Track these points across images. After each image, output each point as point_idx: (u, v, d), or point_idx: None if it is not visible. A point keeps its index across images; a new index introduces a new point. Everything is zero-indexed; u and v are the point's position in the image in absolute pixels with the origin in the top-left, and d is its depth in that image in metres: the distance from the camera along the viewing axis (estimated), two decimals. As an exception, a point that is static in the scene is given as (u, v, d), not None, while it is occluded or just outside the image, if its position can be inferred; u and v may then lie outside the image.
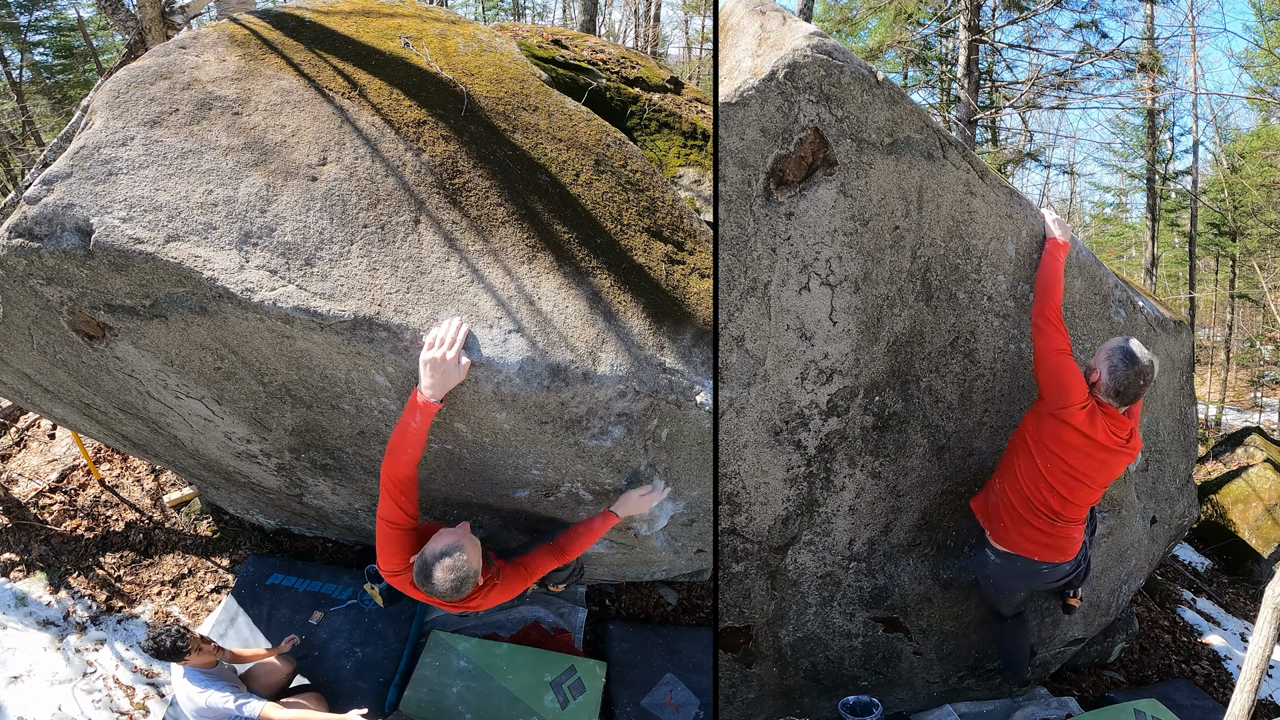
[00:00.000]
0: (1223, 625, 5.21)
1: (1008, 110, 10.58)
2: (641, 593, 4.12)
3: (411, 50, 2.48)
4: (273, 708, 2.78)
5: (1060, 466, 2.57)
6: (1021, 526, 2.70)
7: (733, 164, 2.29)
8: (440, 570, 2.10)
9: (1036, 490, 2.62)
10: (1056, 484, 2.59)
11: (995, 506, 2.77)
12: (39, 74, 11.82)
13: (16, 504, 3.93)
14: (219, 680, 2.82)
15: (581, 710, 3.18)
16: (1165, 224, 15.93)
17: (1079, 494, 2.63)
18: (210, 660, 2.85)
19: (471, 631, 3.47)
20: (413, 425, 1.96)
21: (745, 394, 2.54)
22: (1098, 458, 2.57)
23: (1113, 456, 2.59)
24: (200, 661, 2.81)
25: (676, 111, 2.96)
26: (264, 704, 2.78)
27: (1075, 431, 2.51)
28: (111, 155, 1.98)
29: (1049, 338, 2.56)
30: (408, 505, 2.11)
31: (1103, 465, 2.60)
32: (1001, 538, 2.78)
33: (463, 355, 1.94)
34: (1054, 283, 2.67)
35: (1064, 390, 2.51)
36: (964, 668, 3.43)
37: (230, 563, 3.84)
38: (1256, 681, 2.43)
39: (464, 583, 2.12)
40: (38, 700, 3.18)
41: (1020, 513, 2.68)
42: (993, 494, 2.78)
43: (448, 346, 1.91)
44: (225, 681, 2.84)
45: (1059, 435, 2.54)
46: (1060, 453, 2.55)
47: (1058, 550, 2.74)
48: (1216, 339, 17.80)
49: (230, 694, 2.77)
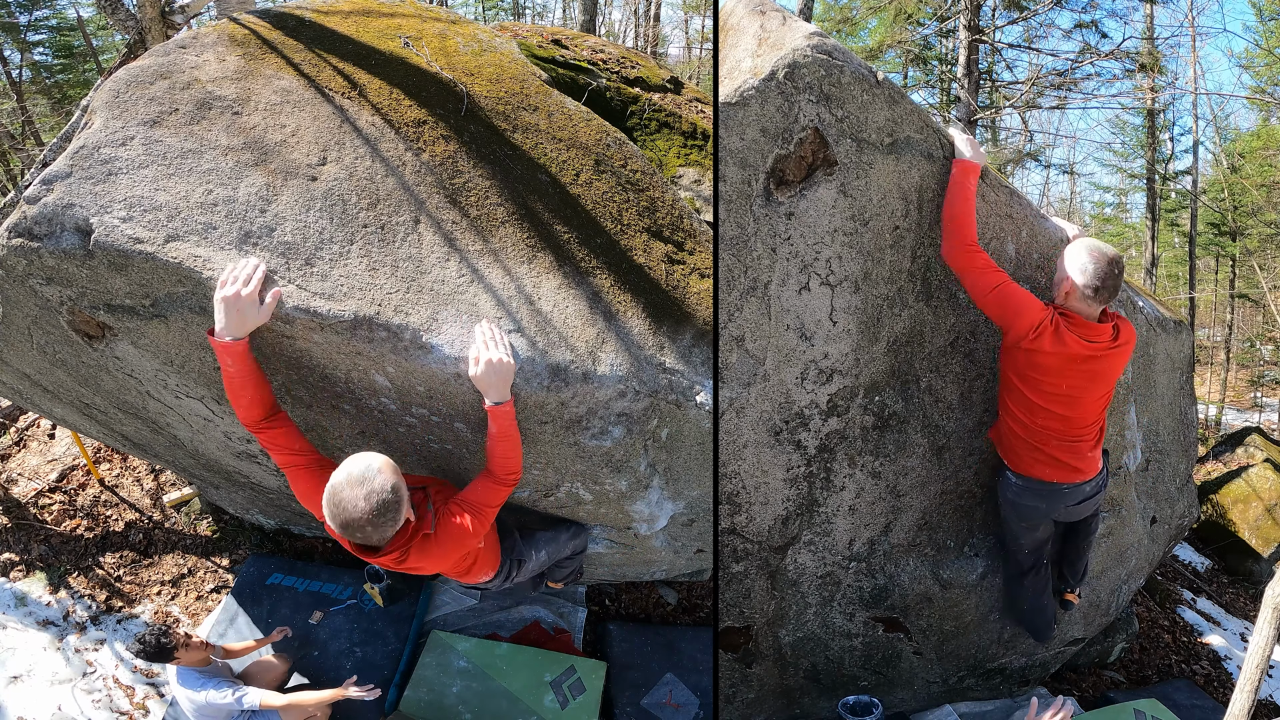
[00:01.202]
0: (1223, 625, 5.22)
1: (1008, 110, 10.59)
2: (641, 593, 4.12)
3: (411, 50, 2.48)
4: (271, 695, 2.80)
5: (1048, 389, 2.48)
6: (1033, 452, 2.63)
7: (733, 164, 2.29)
8: (349, 490, 1.77)
9: (1034, 419, 2.55)
10: (1052, 407, 2.51)
11: (1006, 437, 2.71)
12: (39, 74, 11.83)
13: (16, 504, 3.93)
14: (214, 678, 2.83)
15: (581, 710, 3.18)
16: (1165, 224, 15.93)
17: (1078, 410, 2.54)
18: (202, 658, 2.86)
19: (471, 631, 3.47)
20: (227, 369, 1.86)
21: (745, 394, 2.54)
22: (1083, 370, 2.46)
23: (1098, 364, 2.47)
24: (192, 660, 2.82)
25: (676, 111, 2.96)
26: (262, 693, 2.80)
27: (1046, 355, 2.41)
28: (111, 155, 1.98)
29: (979, 274, 2.43)
30: (288, 442, 1.96)
31: (1092, 375, 2.48)
32: (1017, 464, 2.72)
33: (265, 295, 1.85)
34: (966, 212, 2.47)
35: (1018, 317, 2.40)
36: (964, 668, 3.43)
37: (230, 563, 3.84)
38: (1256, 681, 2.43)
39: (385, 509, 1.79)
40: (38, 700, 3.18)
41: (1029, 441, 2.61)
42: (1002, 426, 2.72)
43: (241, 284, 1.81)
44: (220, 678, 2.85)
45: (1033, 362, 2.45)
46: (1043, 378, 2.47)
47: (1074, 470, 2.66)
48: (1216, 339, 17.80)
49: (227, 689, 2.78)
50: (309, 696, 2.86)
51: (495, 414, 1.97)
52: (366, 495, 1.78)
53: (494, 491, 2.08)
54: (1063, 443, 2.60)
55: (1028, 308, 2.40)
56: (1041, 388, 2.49)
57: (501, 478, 2.07)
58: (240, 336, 1.84)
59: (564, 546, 2.71)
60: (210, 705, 2.77)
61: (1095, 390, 2.53)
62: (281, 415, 2.00)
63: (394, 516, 1.83)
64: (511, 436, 2.02)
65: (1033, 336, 2.40)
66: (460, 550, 2.08)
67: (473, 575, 2.39)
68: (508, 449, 2.03)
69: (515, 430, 2.03)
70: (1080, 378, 2.47)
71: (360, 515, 1.78)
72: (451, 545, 2.03)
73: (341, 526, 1.81)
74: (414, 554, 1.98)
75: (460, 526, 2.03)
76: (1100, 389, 2.55)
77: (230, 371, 1.87)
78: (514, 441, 2.03)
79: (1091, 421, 2.61)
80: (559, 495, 2.54)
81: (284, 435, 1.98)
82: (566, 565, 2.93)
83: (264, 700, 2.77)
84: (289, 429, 2.00)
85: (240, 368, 1.86)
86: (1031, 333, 2.39)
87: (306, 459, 1.99)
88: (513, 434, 2.02)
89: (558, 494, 2.54)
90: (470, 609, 3.61)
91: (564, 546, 2.71)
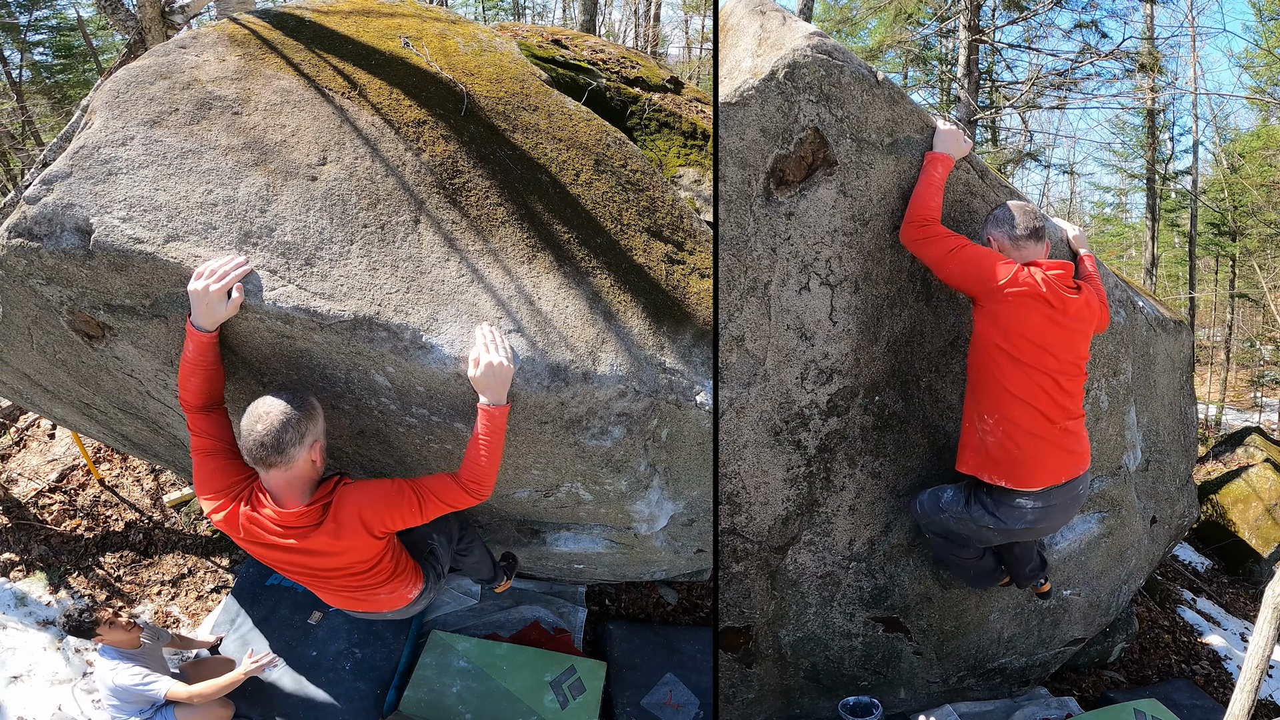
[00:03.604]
0: (1223, 625, 5.22)
1: (1008, 110, 10.59)
2: (641, 593, 4.12)
3: (411, 50, 2.48)
4: (179, 687, 2.79)
5: (1035, 339, 2.31)
6: (1041, 446, 2.41)
7: (733, 164, 2.29)
8: (247, 420, 1.83)
9: (1032, 393, 2.36)
10: (1041, 364, 2.34)
11: (1004, 449, 2.43)
12: (39, 74, 11.83)
13: (16, 504, 3.93)
14: (134, 660, 2.82)
15: (581, 710, 3.18)
16: (1165, 224, 15.94)
17: (1064, 364, 2.38)
18: (129, 639, 2.86)
19: (471, 631, 3.47)
20: (186, 353, 1.90)
21: (745, 394, 2.54)
22: (1063, 323, 2.33)
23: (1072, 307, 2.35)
24: (116, 639, 2.83)
25: (676, 111, 2.96)
26: (170, 683, 2.79)
27: (1031, 298, 2.28)
28: (111, 155, 1.98)
29: (936, 241, 2.35)
30: (211, 427, 1.98)
31: (1069, 332, 2.35)
32: (1028, 478, 2.43)
33: (234, 290, 1.87)
34: (921, 192, 2.42)
35: (990, 267, 2.29)
36: (964, 668, 3.43)
37: (230, 563, 3.84)
38: (1256, 681, 2.43)
39: (283, 430, 1.80)
40: (38, 700, 3.18)
41: (1032, 432, 2.39)
42: (991, 440, 2.45)
43: (213, 279, 1.84)
44: (138, 662, 2.84)
45: (1018, 314, 2.29)
46: (1032, 335, 2.31)
47: (1081, 454, 2.49)
48: (1216, 339, 17.81)
49: (140, 671, 2.78)
50: (210, 685, 2.83)
51: (487, 414, 1.94)
52: (268, 430, 1.82)
53: (450, 489, 1.98)
54: (1064, 424, 2.41)
55: (996, 257, 2.32)
56: (1030, 347, 2.31)
57: (465, 482, 1.98)
58: (207, 328, 1.87)
59: (451, 526, 2.63)
60: (120, 686, 2.76)
61: (1076, 344, 2.38)
62: (220, 411, 2.01)
63: (307, 426, 1.86)
64: (494, 444, 1.96)
65: (1012, 276, 2.28)
66: (386, 511, 1.96)
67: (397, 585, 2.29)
68: (485, 456, 1.96)
69: (499, 438, 1.97)
70: (1063, 334, 2.34)
71: (272, 420, 1.81)
72: (379, 500, 1.95)
73: (254, 438, 1.81)
74: (334, 512, 1.92)
75: (390, 486, 1.97)
76: (1081, 343, 2.40)
77: (188, 355, 1.91)
78: (493, 449, 1.96)
79: (1077, 395, 2.45)
80: (559, 495, 2.54)
81: (211, 423, 1.98)
82: (471, 549, 2.84)
83: (170, 692, 2.76)
84: (220, 419, 2.00)
85: (198, 357, 1.91)
86: (1009, 275, 2.28)
87: (223, 445, 1.99)
88: (496, 441, 1.96)
89: (558, 494, 2.54)
90: (470, 609, 3.61)
91: (451, 526, 2.63)
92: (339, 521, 1.93)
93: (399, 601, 2.37)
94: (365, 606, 2.34)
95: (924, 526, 2.89)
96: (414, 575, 2.37)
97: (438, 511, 2.01)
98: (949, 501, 2.69)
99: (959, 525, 2.69)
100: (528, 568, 3.55)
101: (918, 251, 2.43)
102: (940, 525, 2.78)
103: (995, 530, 2.60)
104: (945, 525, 2.75)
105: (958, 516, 2.66)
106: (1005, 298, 2.29)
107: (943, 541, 2.88)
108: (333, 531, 1.93)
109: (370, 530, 1.98)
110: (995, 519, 2.56)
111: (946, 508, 2.70)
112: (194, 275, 1.86)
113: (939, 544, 2.91)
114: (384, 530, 2.02)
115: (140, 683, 2.75)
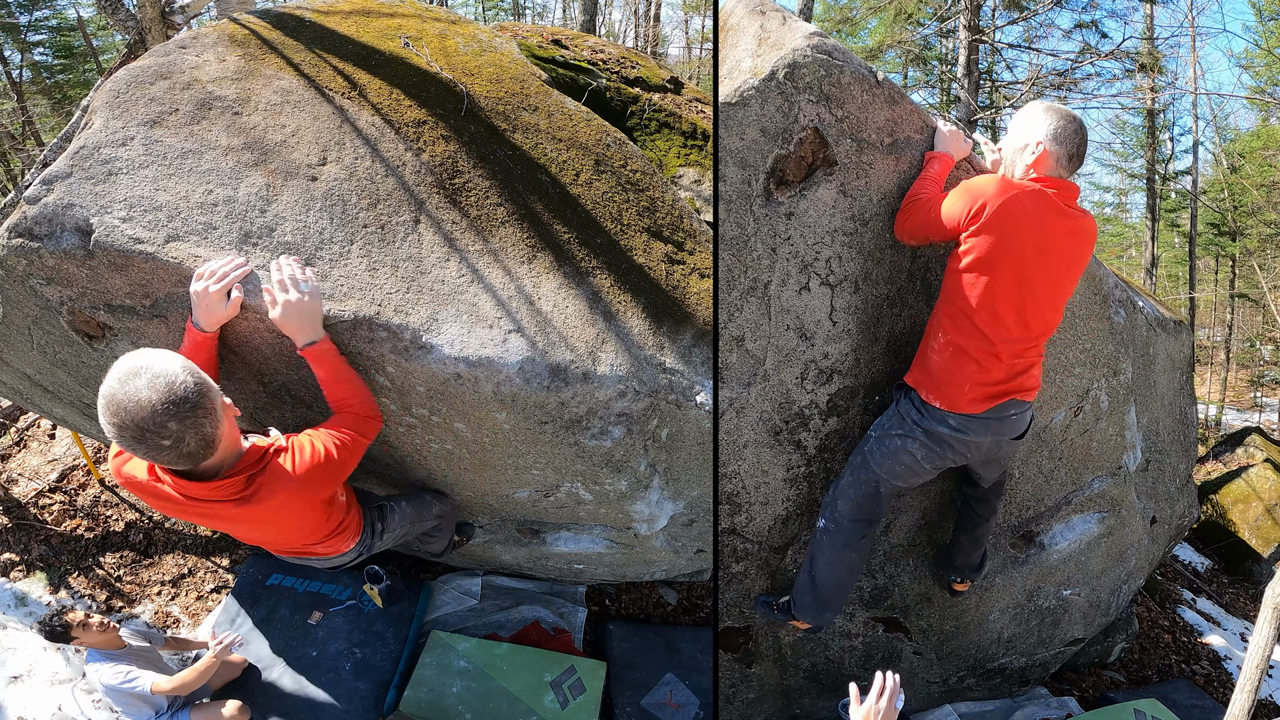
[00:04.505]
0: (1223, 625, 5.22)
1: (1008, 110, 10.59)
2: (641, 593, 4.12)
3: (411, 50, 2.48)
4: (162, 679, 2.81)
5: (1014, 264, 2.10)
6: (988, 361, 2.20)
7: (733, 164, 2.29)
8: (124, 385, 1.43)
9: (993, 316, 2.15)
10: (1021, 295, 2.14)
11: (943, 367, 2.26)
12: (39, 74, 11.83)
13: (16, 504, 3.93)
14: (118, 660, 2.85)
15: (581, 710, 3.18)
16: (1165, 224, 15.95)
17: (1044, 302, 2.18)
18: (107, 640, 2.87)
19: (471, 631, 3.47)
20: (183, 347, 1.87)
21: (745, 394, 2.54)
22: (1064, 243, 2.13)
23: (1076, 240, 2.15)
24: (94, 641, 2.84)
25: (676, 111, 2.96)
26: (155, 677, 2.81)
27: (1024, 213, 2.05)
28: (111, 155, 1.98)
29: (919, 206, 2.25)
30: None
31: (1071, 252, 2.16)
32: (954, 398, 2.26)
33: (234, 291, 1.85)
34: (920, 185, 2.34)
35: (982, 183, 2.09)
36: (964, 668, 3.43)
37: (230, 563, 3.84)
38: (1256, 681, 2.43)
39: (184, 398, 1.46)
40: (38, 700, 3.18)
41: (984, 348, 2.19)
42: (941, 353, 2.27)
43: (212, 280, 1.83)
44: (121, 661, 2.86)
45: (1009, 230, 2.06)
46: (1010, 255, 2.08)
47: (1026, 381, 2.28)
48: (1216, 339, 17.82)
49: (122, 669, 2.80)
50: (191, 672, 2.84)
51: (311, 356, 1.84)
52: (149, 382, 1.43)
53: (363, 421, 1.86)
54: (1017, 349, 2.21)
55: (990, 177, 2.13)
56: (1009, 264, 2.10)
57: (350, 414, 1.85)
58: (207, 329, 1.87)
59: (428, 506, 2.57)
60: (109, 688, 2.80)
61: (1067, 278, 2.20)
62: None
63: (204, 409, 1.49)
64: (345, 377, 1.84)
65: (1005, 185, 2.07)
66: (325, 476, 1.77)
67: (337, 542, 2.16)
68: (344, 390, 1.85)
69: (347, 369, 1.86)
70: (1060, 253, 2.14)
71: (150, 404, 1.42)
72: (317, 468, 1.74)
73: (136, 433, 1.43)
74: (267, 481, 1.68)
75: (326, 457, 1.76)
76: (1071, 278, 2.22)
77: (183, 349, 1.89)
78: (350, 380, 1.85)
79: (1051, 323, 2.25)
80: (559, 495, 2.54)
81: None
82: (438, 535, 2.79)
83: (155, 685, 2.78)
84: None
85: (193, 353, 1.88)
86: (1002, 185, 2.07)
87: None
88: (345, 374, 1.84)
89: (558, 494, 2.54)
90: (470, 609, 3.61)
91: (428, 506, 2.57)
92: (269, 504, 1.71)
93: (331, 552, 2.22)
94: (292, 555, 2.22)
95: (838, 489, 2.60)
96: (354, 530, 2.22)
97: (356, 453, 1.87)
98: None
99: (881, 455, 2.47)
100: (528, 568, 3.55)
101: (907, 225, 2.34)
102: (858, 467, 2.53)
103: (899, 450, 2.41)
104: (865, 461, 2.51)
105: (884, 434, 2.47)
106: (999, 213, 2.08)
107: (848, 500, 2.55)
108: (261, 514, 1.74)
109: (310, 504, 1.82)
110: (907, 440, 2.38)
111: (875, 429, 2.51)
112: (194, 276, 1.86)
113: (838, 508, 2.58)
114: (326, 496, 1.87)
115: (124, 680, 2.78)
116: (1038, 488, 3.08)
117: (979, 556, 2.95)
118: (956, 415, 2.28)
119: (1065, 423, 2.98)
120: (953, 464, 2.45)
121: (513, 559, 3.41)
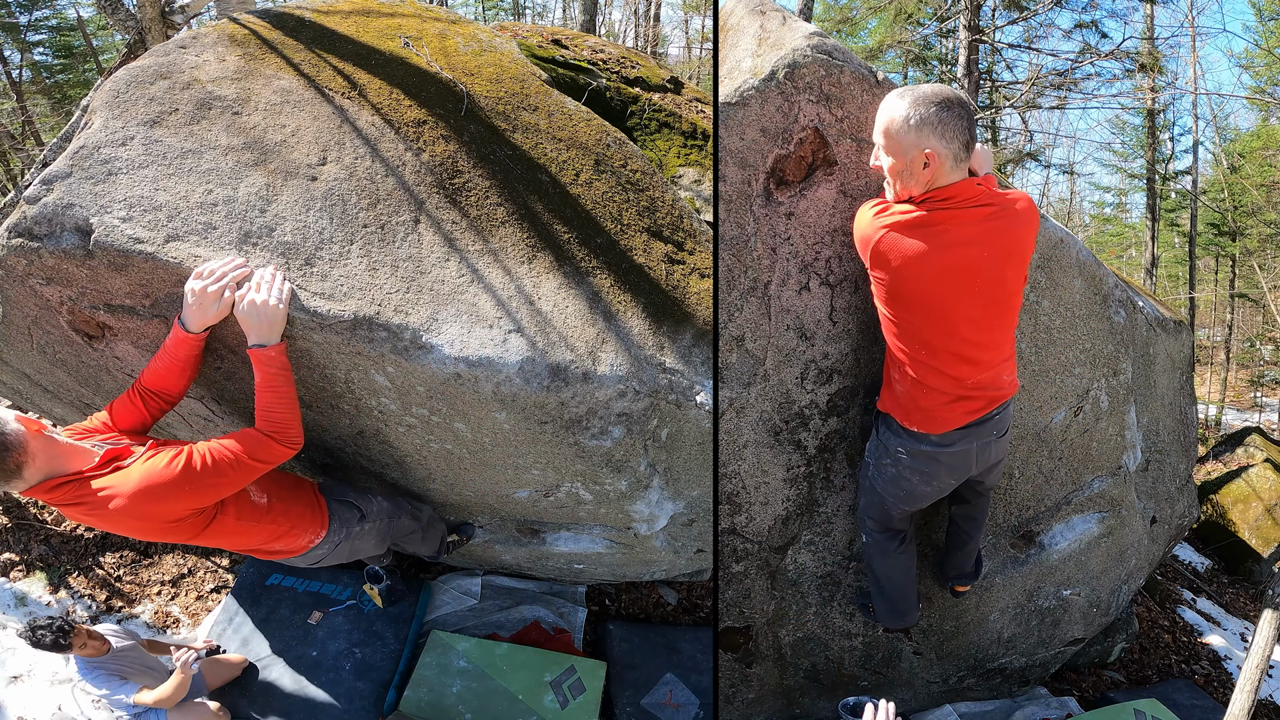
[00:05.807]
0: (1223, 625, 5.22)
1: (1008, 110, 10.59)
2: (641, 593, 4.12)
3: (411, 50, 2.48)
4: (145, 694, 2.83)
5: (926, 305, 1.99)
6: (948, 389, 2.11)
7: (733, 164, 2.29)
8: None
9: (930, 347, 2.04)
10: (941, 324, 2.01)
11: (909, 392, 2.19)
12: (39, 74, 11.82)
13: (16, 504, 3.93)
14: (97, 670, 2.87)
15: (581, 710, 3.18)
16: (1165, 224, 15.96)
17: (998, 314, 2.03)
18: (95, 648, 2.88)
19: (471, 631, 3.47)
20: (165, 344, 1.87)
21: (745, 394, 2.54)
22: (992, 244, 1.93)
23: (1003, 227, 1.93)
24: (86, 652, 2.86)
25: (676, 111, 2.96)
26: (138, 690, 2.84)
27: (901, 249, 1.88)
28: (111, 155, 1.98)
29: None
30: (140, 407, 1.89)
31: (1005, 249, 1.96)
32: (929, 421, 2.19)
33: (227, 292, 1.84)
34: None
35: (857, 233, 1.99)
36: (964, 668, 3.43)
37: (230, 563, 3.84)
38: (1256, 681, 2.43)
39: None
40: (38, 700, 3.18)
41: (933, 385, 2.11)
42: (901, 380, 2.19)
43: (211, 280, 1.82)
44: (103, 671, 2.88)
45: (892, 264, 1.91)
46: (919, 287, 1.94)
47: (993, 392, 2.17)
48: (1216, 339, 17.83)
49: (103, 685, 2.83)
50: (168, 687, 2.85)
51: (256, 357, 1.86)
52: None
53: (259, 443, 1.86)
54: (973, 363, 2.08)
55: (865, 215, 1.99)
56: (917, 302, 1.99)
57: (270, 434, 1.86)
58: (193, 330, 1.86)
59: (402, 504, 2.61)
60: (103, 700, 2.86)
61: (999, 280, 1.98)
62: (160, 404, 1.95)
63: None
64: (277, 388, 1.85)
65: (876, 226, 1.92)
66: (163, 494, 1.72)
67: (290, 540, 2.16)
68: (271, 401, 1.86)
69: (284, 383, 1.86)
70: (976, 263, 1.92)
71: None
72: (151, 488, 1.71)
73: None
74: (87, 494, 1.72)
75: (170, 476, 1.72)
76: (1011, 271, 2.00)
77: (168, 344, 1.88)
78: (281, 395, 1.85)
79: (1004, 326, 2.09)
80: (559, 495, 2.54)
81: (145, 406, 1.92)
82: (425, 538, 2.81)
83: (136, 698, 2.81)
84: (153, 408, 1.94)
85: (177, 351, 1.88)
86: (872, 225, 1.93)
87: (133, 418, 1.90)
88: (279, 386, 1.85)
89: (558, 494, 2.54)
90: (470, 609, 3.61)
91: (402, 504, 2.61)
92: (101, 512, 1.72)
93: (292, 551, 2.24)
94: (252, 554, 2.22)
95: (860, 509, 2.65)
96: (308, 526, 2.21)
97: (257, 472, 1.87)
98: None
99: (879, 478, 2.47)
100: (528, 568, 3.55)
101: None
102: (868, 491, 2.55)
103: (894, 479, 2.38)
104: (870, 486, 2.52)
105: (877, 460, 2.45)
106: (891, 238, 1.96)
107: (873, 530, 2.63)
108: (100, 521, 1.75)
109: (144, 515, 1.75)
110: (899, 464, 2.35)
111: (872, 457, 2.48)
112: (192, 275, 1.86)
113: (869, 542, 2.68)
114: (171, 514, 1.78)
115: (105, 692, 2.82)
116: (1038, 488, 3.09)
117: (974, 564, 2.98)
118: (935, 434, 2.27)
119: (1065, 423, 2.98)
120: (953, 481, 2.42)
121: (513, 559, 3.41)
